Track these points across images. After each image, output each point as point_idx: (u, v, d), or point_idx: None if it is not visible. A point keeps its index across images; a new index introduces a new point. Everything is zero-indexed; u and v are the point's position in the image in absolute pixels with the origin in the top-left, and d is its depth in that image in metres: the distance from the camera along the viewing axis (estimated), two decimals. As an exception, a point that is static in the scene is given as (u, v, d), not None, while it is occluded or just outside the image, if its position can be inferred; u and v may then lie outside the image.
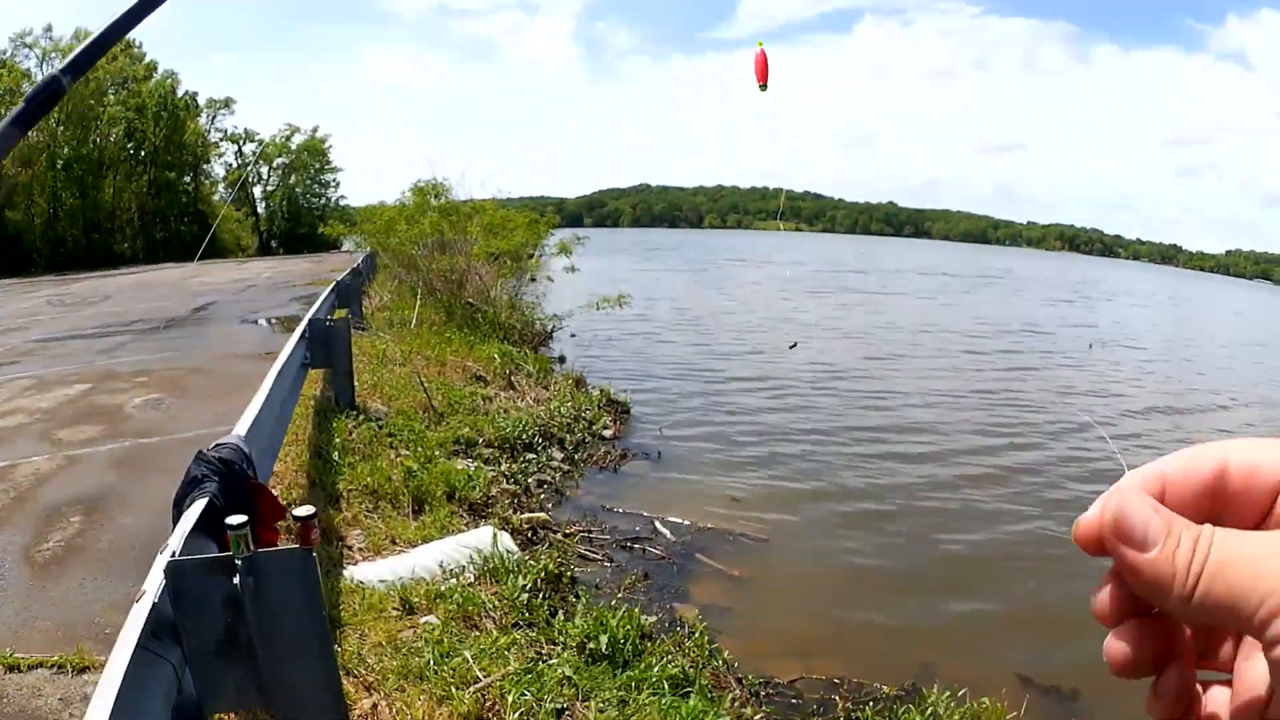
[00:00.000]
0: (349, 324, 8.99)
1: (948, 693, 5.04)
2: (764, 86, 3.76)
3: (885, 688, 5.31)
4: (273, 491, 3.54)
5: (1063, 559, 7.34)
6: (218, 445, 3.73)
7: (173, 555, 2.69)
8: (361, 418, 8.54)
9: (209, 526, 3.22)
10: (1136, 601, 0.46)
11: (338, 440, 7.65)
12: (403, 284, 19.61)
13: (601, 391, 12.35)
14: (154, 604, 2.35)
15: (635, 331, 21.09)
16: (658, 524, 7.80)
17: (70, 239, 41.00)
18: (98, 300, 20.03)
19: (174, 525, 3.29)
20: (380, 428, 8.40)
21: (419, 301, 16.57)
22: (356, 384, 9.24)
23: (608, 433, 10.71)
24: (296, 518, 2.52)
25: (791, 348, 17.65)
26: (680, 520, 7.90)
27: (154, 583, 2.43)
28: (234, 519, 2.45)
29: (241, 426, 3.81)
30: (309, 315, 9.25)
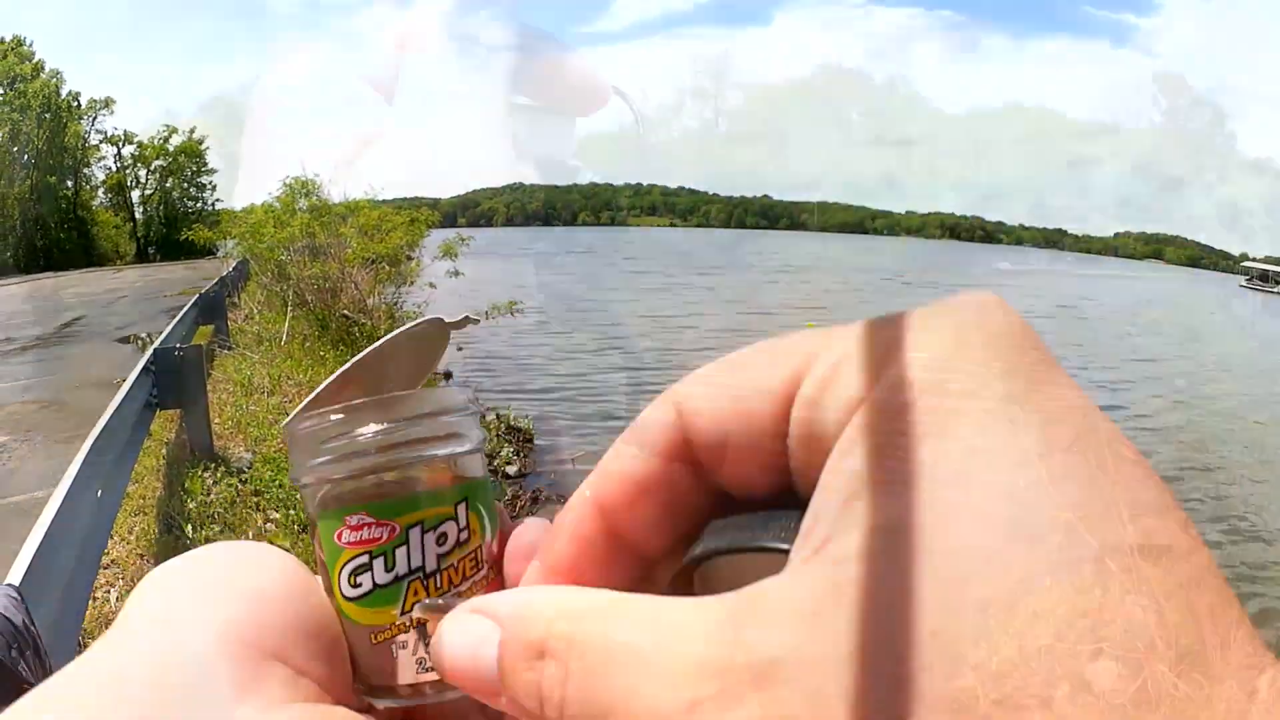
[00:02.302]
0: (201, 353, 7.52)
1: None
2: None
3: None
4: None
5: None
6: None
7: None
8: (221, 470, 7.14)
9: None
10: None
11: (191, 505, 6.28)
12: (273, 294, 17.70)
13: (499, 417, 11.06)
14: None
15: (533, 343, 19.81)
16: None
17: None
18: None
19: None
20: (244, 483, 7.04)
21: (289, 313, 14.89)
22: (216, 423, 7.83)
23: (512, 469, 9.54)
24: None
25: None
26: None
27: None
28: None
29: (17, 569, 2.55)
30: (157, 342, 7.73)
